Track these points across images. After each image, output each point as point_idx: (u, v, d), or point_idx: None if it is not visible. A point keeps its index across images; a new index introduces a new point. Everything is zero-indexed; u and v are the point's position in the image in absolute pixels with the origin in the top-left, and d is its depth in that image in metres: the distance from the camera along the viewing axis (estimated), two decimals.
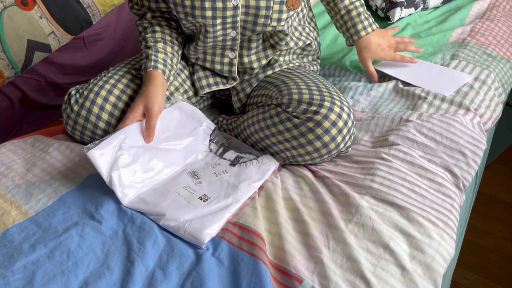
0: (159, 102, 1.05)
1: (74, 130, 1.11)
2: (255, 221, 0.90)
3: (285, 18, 1.09)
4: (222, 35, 1.11)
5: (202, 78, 1.22)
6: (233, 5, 1.05)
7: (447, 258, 0.89)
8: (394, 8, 1.70)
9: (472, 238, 1.70)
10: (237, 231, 0.88)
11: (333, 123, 0.99)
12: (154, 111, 1.03)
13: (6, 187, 0.98)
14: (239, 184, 0.98)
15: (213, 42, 1.13)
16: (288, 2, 1.06)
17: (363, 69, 1.49)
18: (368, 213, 0.91)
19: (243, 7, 1.06)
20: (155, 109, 1.04)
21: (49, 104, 1.90)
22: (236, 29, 1.10)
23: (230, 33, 1.11)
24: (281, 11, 1.07)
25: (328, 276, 0.80)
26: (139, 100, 1.05)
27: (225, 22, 1.08)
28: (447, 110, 1.20)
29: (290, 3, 1.07)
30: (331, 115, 0.99)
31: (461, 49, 1.47)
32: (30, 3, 1.73)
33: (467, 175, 1.05)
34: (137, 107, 1.04)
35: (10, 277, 0.78)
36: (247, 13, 1.07)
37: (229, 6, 1.05)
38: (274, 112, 1.04)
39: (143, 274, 0.80)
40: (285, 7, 1.07)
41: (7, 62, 1.67)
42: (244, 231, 0.88)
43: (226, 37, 1.12)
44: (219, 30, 1.10)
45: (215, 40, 1.12)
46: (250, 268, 0.81)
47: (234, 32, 1.11)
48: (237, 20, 1.08)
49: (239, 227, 0.89)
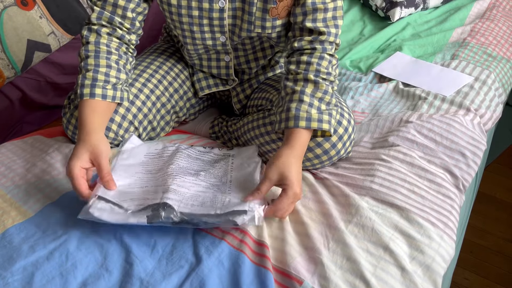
0: (105, 144, 0.95)
1: (74, 134, 1.11)
2: (257, 228, 0.89)
3: (270, 27, 1.05)
4: (211, 38, 1.10)
5: (201, 79, 1.22)
6: (220, 7, 1.03)
7: (447, 259, 0.89)
8: (394, 7, 1.70)
9: (472, 238, 1.70)
10: (238, 234, 0.88)
11: (333, 130, 0.99)
12: (102, 157, 0.93)
13: (6, 187, 0.98)
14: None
15: (203, 48, 1.12)
16: (272, 11, 1.03)
17: (363, 69, 1.49)
18: (368, 214, 0.91)
19: (229, 10, 1.04)
20: (103, 155, 0.93)
21: (49, 104, 1.90)
22: (224, 33, 1.08)
23: (219, 37, 1.09)
24: (264, 19, 1.04)
25: (328, 277, 0.80)
26: (81, 147, 0.93)
27: (212, 24, 1.06)
28: (447, 110, 1.20)
29: (274, 12, 1.03)
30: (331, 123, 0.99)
31: (461, 49, 1.47)
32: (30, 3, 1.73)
33: (467, 176, 1.05)
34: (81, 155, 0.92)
35: (9, 278, 0.78)
36: (234, 16, 1.05)
37: (216, 8, 1.03)
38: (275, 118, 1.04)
39: (142, 275, 0.80)
40: (268, 16, 1.03)
41: (7, 62, 1.67)
42: (246, 235, 0.87)
43: (216, 42, 1.11)
44: (207, 32, 1.08)
45: (205, 44, 1.11)
46: (251, 273, 0.80)
47: (224, 37, 1.09)
48: (224, 24, 1.06)
49: (241, 231, 0.88)
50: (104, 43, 1.03)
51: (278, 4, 1.01)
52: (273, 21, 1.04)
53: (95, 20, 1.03)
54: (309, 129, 0.95)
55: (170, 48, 1.25)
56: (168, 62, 1.20)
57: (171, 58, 1.22)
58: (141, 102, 1.12)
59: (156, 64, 1.18)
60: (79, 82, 1.00)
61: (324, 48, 1.00)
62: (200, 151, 1.09)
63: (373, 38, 1.63)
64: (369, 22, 1.76)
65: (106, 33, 1.04)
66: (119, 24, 1.04)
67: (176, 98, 1.19)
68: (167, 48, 1.25)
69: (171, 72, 1.19)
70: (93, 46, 1.02)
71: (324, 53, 1.00)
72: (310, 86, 0.97)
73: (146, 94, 1.13)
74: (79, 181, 0.88)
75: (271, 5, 1.01)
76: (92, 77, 1.00)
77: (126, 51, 1.07)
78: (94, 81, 0.99)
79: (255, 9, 1.02)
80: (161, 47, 1.26)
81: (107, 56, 1.03)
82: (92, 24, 1.04)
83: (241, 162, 1.03)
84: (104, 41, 1.03)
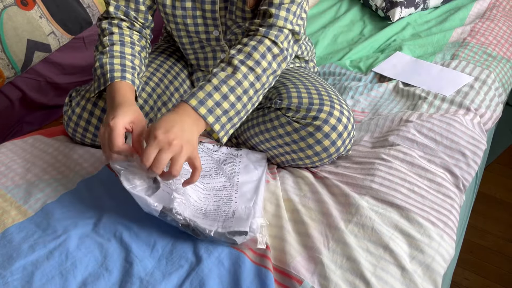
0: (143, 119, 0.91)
1: (75, 132, 1.11)
2: None
3: (249, 18, 1.03)
4: (205, 32, 1.10)
5: (201, 78, 1.22)
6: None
7: (447, 259, 0.89)
8: (394, 7, 1.70)
9: (472, 238, 1.70)
10: None
11: (333, 128, 0.99)
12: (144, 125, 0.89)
13: (6, 187, 0.98)
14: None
15: (199, 42, 1.12)
16: (249, 2, 1.00)
17: (363, 69, 1.49)
18: (368, 213, 0.91)
19: (221, 1, 1.05)
20: (143, 123, 0.89)
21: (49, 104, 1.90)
22: (217, 27, 1.09)
23: (213, 31, 1.09)
24: (243, 10, 1.03)
25: (328, 276, 0.80)
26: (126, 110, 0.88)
27: (205, 17, 1.07)
28: (447, 110, 1.20)
29: (250, 3, 1.00)
30: (330, 120, 0.99)
31: (461, 49, 1.47)
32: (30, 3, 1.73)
33: (467, 175, 1.05)
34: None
35: (9, 277, 0.78)
36: (226, 8, 1.06)
37: (207, 0, 1.04)
38: (274, 116, 1.03)
39: (142, 275, 0.80)
40: (247, 7, 1.02)
41: (7, 62, 1.67)
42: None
43: (209, 36, 1.11)
44: (200, 25, 1.08)
45: (199, 38, 1.11)
46: (251, 273, 0.80)
47: (217, 31, 1.09)
48: (217, 17, 1.06)
49: None
50: (128, 35, 1.05)
51: None
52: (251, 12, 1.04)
53: (113, 13, 1.05)
54: (196, 111, 0.86)
55: (170, 47, 1.26)
56: (168, 61, 1.21)
57: (171, 57, 1.22)
58: (143, 100, 1.13)
59: (157, 63, 1.19)
60: (107, 68, 0.97)
61: (267, 31, 0.93)
62: (209, 149, 1.09)
63: (373, 38, 1.64)
64: (369, 22, 1.76)
65: (127, 27, 1.06)
66: (133, 18, 1.07)
67: (176, 96, 1.19)
68: (167, 48, 1.25)
69: (171, 71, 1.20)
70: (118, 36, 1.03)
71: (265, 37, 0.93)
72: (227, 71, 0.90)
73: (148, 93, 1.14)
74: (120, 134, 0.84)
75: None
76: (120, 63, 0.98)
77: (145, 45, 1.09)
78: (123, 67, 0.98)
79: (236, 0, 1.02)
80: (161, 46, 1.26)
81: (131, 46, 1.03)
82: (111, 18, 1.05)
83: (247, 164, 1.04)
84: (127, 33, 1.05)
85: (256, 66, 0.92)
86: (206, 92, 0.88)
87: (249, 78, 0.91)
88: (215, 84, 0.89)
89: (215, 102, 0.88)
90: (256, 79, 0.92)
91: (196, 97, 0.87)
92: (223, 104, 0.88)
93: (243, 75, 0.90)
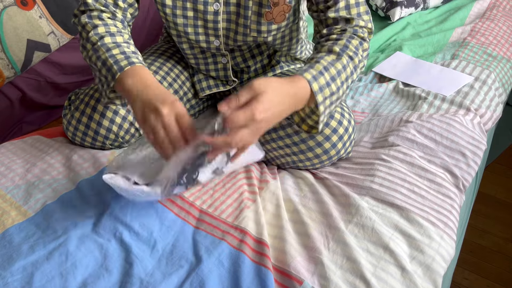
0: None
1: (74, 136, 1.11)
2: (258, 227, 0.89)
3: (265, 31, 1.04)
4: (206, 41, 1.09)
5: (202, 80, 1.21)
6: (214, 9, 1.02)
7: (447, 259, 0.89)
8: (394, 7, 1.70)
9: (472, 238, 1.70)
10: (238, 235, 0.88)
11: (334, 130, 0.99)
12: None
13: (6, 187, 0.98)
14: None
15: (199, 49, 1.11)
16: (267, 15, 1.01)
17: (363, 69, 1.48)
18: (368, 213, 0.91)
19: (224, 13, 1.04)
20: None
21: (49, 104, 1.90)
22: (218, 37, 1.08)
23: (213, 41, 1.09)
24: (259, 23, 1.03)
25: (328, 277, 0.80)
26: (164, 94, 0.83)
27: (206, 27, 1.06)
28: (447, 110, 1.20)
29: (269, 16, 1.01)
30: (331, 122, 0.99)
31: (462, 49, 1.47)
32: (29, 3, 1.73)
33: (467, 176, 1.05)
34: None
35: (9, 278, 0.78)
36: (229, 20, 1.05)
37: (210, 11, 1.03)
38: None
39: (142, 275, 0.80)
40: (263, 20, 1.02)
41: (6, 62, 1.67)
42: (246, 235, 0.87)
43: (210, 45, 1.10)
44: (201, 34, 1.07)
45: (200, 46, 1.10)
46: (251, 272, 0.80)
47: (218, 41, 1.08)
48: (218, 27, 1.05)
49: (240, 231, 0.88)
50: (112, 24, 0.98)
51: (272, 9, 1.01)
52: (269, 25, 1.04)
53: (92, 5, 0.98)
54: (309, 86, 0.83)
55: (171, 48, 1.25)
56: (168, 63, 1.20)
57: (171, 59, 1.22)
58: None
59: (157, 65, 1.18)
60: (110, 61, 0.90)
61: (355, 30, 0.94)
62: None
63: (373, 38, 1.63)
64: None
65: (108, 18, 0.99)
66: (113, 12, 1.01)
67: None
68: (168, 49, 1.25)
69: (171, 73, 1.19)
70: (103, 28, 0.96)
71: (355, 34, 0.94)
72: (332, 56, 0.88)
73: None
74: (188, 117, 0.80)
75: (266, 10, 1.01)
76: (120, 52, 0.92)
77: (129, 37, 1.01)
78: (124, 54, 0.91)
79: (251, 13, 1.02)
80: (162, 47, 1.26)
81: (121, 34, 0.97)
82: (89, 10, 0.99)
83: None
84: (110, 22, 0.98)
85: (355, 56, 0.91)
86: (318, 70, 0.84)
87: (350, 66, 0.90)
88: (324, 64, 0.86)
89: (326, 81, 0.85)
90: (354, 69, 0.91)
91: (310, 71, 0.83)
92: (331, 85, 0.86)
93: (346, 61, 0.89)
